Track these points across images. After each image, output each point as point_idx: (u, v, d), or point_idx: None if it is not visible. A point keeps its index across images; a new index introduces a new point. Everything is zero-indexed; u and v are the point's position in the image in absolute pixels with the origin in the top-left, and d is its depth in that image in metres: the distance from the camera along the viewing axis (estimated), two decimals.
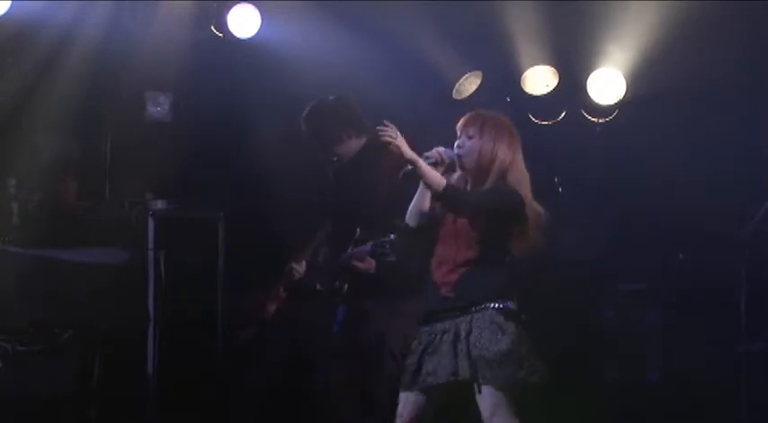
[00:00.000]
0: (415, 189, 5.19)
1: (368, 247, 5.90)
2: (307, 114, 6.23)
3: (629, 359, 7.85)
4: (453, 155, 5.15)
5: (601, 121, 7.84)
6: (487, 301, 5.04)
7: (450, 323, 5.07)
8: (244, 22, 7.34)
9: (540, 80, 7.79)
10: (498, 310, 5.04)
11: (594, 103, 7.77)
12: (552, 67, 7.76)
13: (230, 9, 7.29)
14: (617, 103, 7.76)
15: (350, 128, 6.14)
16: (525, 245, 5.17)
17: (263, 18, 7.36)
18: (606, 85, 7.72)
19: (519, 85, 7.79)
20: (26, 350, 6.20)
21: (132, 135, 7.52)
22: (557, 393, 7.13)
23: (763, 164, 7.32)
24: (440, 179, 5.03)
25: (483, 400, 5.00)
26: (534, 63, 7.75)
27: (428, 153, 5.13)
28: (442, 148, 5.15)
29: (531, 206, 5.15)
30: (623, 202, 7.83)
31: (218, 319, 7.03)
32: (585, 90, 7.75)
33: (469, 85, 7.78)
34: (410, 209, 5.22)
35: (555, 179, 7.70)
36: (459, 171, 5.19)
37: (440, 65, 7.63)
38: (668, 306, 7.79)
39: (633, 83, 7.67)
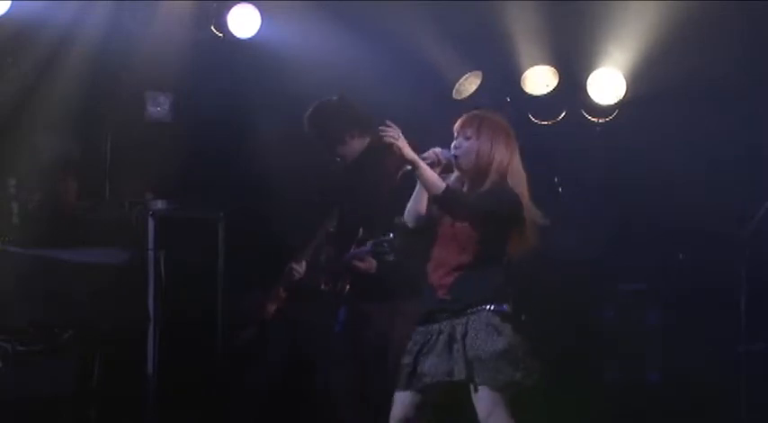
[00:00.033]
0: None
1: (368, 246, 5.90)
2: (310, 114, 6.22)
3: (629, 359, 7.85)
4: (450, 155, 5.14)
5: (601, 121, 7.84)
6: (484, 304, 5.04)
7: (446, 324, 5.07)
8: (244, 22, 7.34)
9: (540, 80, 7.79)
10: (494, 312, 5.04)
11: (594, 103, 7.77)
12: (552, 67, 7.76)
13: (230, 9, 7.29)
14: (617, 103, 7.76)
15: (353, 128, 6.13)
16: (522, 246, 5.16)
17: (263, 18, 7.36)
18: (606, 85, 7.72)
19: (519, 85, 7.79)
20: (26, 350, 6.20)
21: (132, 135, 7.52)
22: (557, 393, 7.16)
23: (763, 164, 7.32)
24: (439, 182, 5.02)
25: (479, 401, 5.00)
26: (534, 63, 7.75)
27: (425, 154, 5.11)
28: (438, 149, 5.14)
29: (528, 207, 5.15)
30: (623, 202, 7.83)
31: (218, 319, 7.03)
32: (585, 90, 7.74)
33: (469, 85, 7.78)
34: (407, 210, 5.21)
35: (555, 179, 7.70)
36: (456, 172, 5.19)
37: (440, 65, 7.63)
38: (668, 306, 7.78)
39: (633, 83, 7.66)
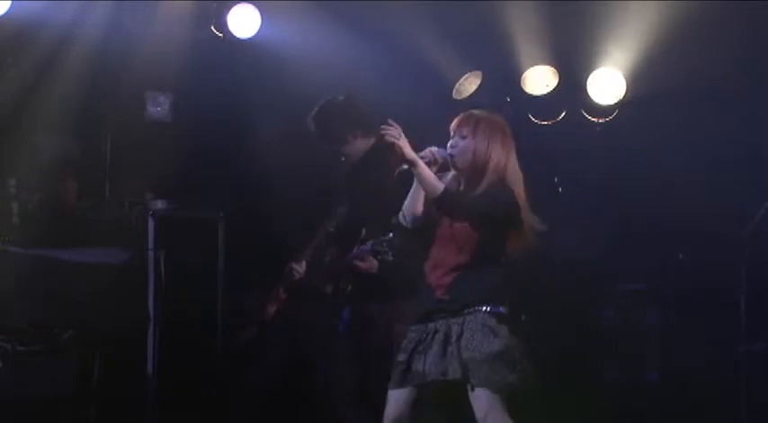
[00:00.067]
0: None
1: (368, 246, 5.91)
2: (315, 114, 6.22)
3: (628, 359, 7.85)
4: (446, 154, 5.14)
5: (601, 121, 7.84)
6: (480, 305, 5.04)
7: (442, 323, 5.07)
8: (244, 22, 7.34)
9: (540, 80, 7.79)
10: (491, 313, 5.04)
11: (594, 103, 7.77)
12: (552, 67, 7.76)
13: (230, 9, 7.29)
14: (617, 103, 7.76)
15: (357, 128, 6.13)
16: (521, 244, 5.16)
17: (263, 18, 7.36)
18: (606, 85, 7.72)
19: (519, 85, 7.79)
20: (26, 350, 6.20)
21: (132, 135, 7.51)
22: (557, 393, 7.16)
23: (763, 164, 7.32)
24: (438, 184, 5.03)
25: (476, 401, 5.00)
26: (534, 63, 7.75)
27: (421, 153, 5.11)
28: (434, 148, 5.14)
29: (525, 208, 5.14)
30: (623, 202, 7.83)
31: (218, 319, 7.03)
32: (585, 90, 7.74)
33: (469, 85, 7.77)
34: (404, 209, 5.21)
35: (555, 179, 7.71)
36: (453, 171, 5.19)
37: (440, 65, 7.63)
38: (668, 306, 7.78)
39: (633, 83, 7.66)
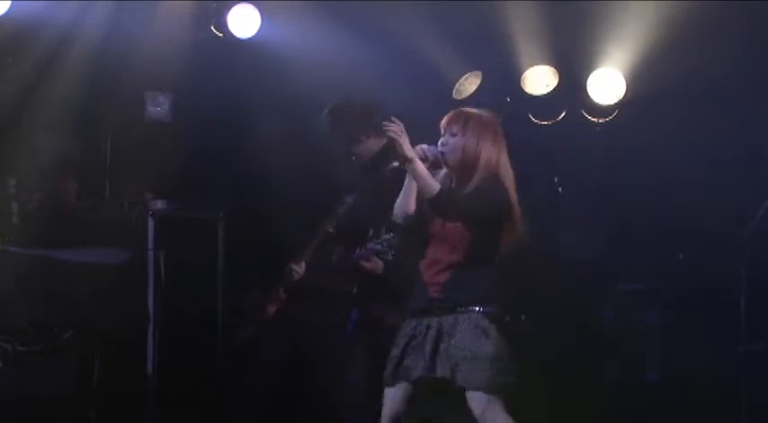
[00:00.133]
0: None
1: (372, 246, 5.92)
2: (330, 111, 6.23)
3: (628, 359, 7.85)
4: (437, 152, 5.16)
5: (601, 121, 7.84)
6: (473, 305, 5.07)
7: (435, 321, 5.10)
8: (244, 22, 7.34)
9: (540, 80, 7.79)
10: (483, 313, 5.07)
11: (594, 103, 7.77)
12: (552, 67, 7.75)
13: (230, 9, 7.29)
14: (617, 103, 7.75)
15: (371, 128, 6.13)
16: (512, 238, 5.18)
17: (263, 18, 7.36)
18: (606, 85, 7.72)
19: (519, 85, 7.79)
20: (26, 350, 6.20)
21: (132, 135, 7.51)
22: (557, 393, 7.16)
23: (763, 164, 7.32)
24: (434, 184, 5.05)
25: (472, 400, 5.03)
26: (534, 63, 7.74)
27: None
28: (425, 146, 5.16)
29: (515, 204, 5.15)
30: (623, 202, 7.83)
31: (218, 319, 7.04)
32: (585, 90, 7.74)
33: (469, 85, 7.77)
34: (396, 207, 5.23)
35: (555, 179, 7.71)
36: (444, 168, 5.20)
37: (440, 65, 7.63)
38: (668, 306, 7.78)
39: (633, 83, 7.66)
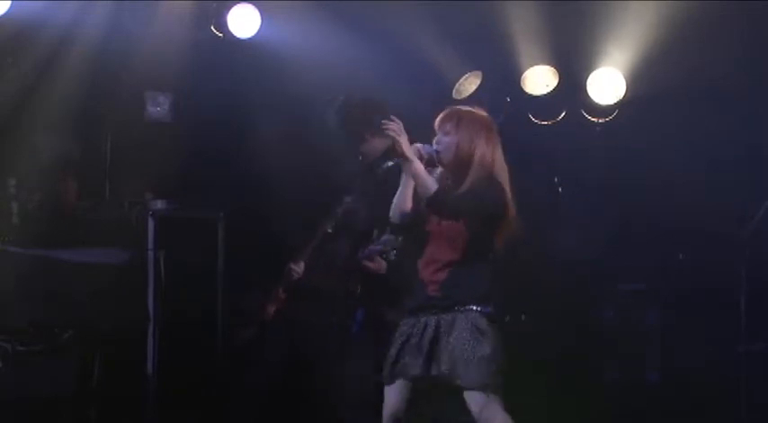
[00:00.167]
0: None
1: (375, 246, 5.93)
2: (337, 109, 6.23)
3: (628, 359, 7.85)
4: (432, 151, 5.18)
5: (601, 121, 7.84)
6: (471, 304, 5.08)
7: (433, 319, 5.11)
8: (244, 22, 7.34)
9: (540, 80, 7.79)
10: (480, 313, 5.08)
11: (594, 103, 7.77)
12: (552, 67, 7.75)
13: (230, 9, 7.29)
14: (617, 103, 7.75)
15: (375, 127, 6.13)
16: (507, 235, 5.19)
17: (263, 18, 7.36)
18: (606, 85, 7.72)
19: (519, 85, 7.79)
20: (26, 350, 6.20)
21: (132, 135, 7.51)
22: (557, 393, 7.16)
23: (763, 164, 7.32)
24: (431, 183, 5.06)
25: (469, 399, 5.04)
26: (534, 63, 7.75)
27: None
28: (420, 145, 5.17)
29: (510, 201, 5.16)
30: (623, 202, 7.83)
31: (218, 319, 7.04)
32: (585, 90, 7.74)
33: (469, 85, 7.77)
34: (392, 207, 5.24)
35: (555, 179, 7.71)
36: (440, 167, 5.21)
37: (440, 65, 7.63)
38: (668, 306, 7.78)
39: (633, 83, 7.66)
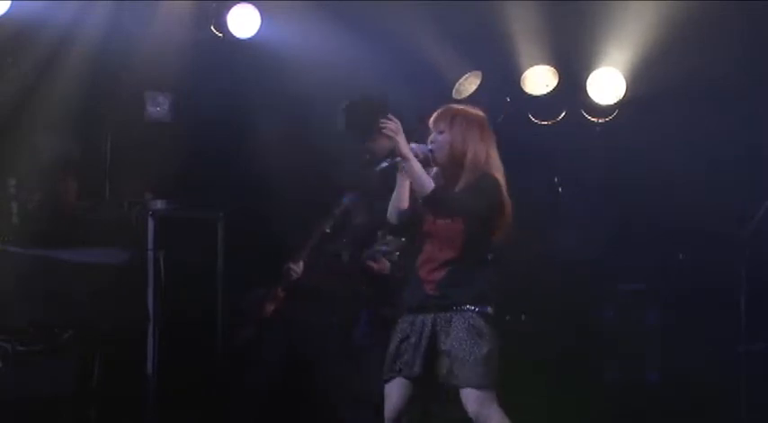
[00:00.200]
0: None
1: (379, 247, 5.93)
2: (344, 109, 6.24)
3: (628, 359, 7.85)
4: (426, 150, 5.18)
5: (601, 121, 7.84)
6: (468, 304, 5.08)
7: (430, 318, 5.11)
8: (244, 22, 7.34)
9: (540, 80, 7.79)
10: (478, 313, 5.08)
11: (594, 103, 7.77)
12: (552, 67, 7.76)
13: (230, 9, 7.30)
14: (617, 103, 7.76)
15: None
16: (503, 233, 5.20)
17: (263, 18, 7.37)
18: (606, 85, 7.72)
19: (519, 85, 7.80)
20: (26, 350, 6.20)
21: (132, 135, 7.51)
22: (557, 393, 7.16)
23: (763, 164, 7.32)
24: (428, 182, 5.06)
25: (467, 398, 5.05)
26: (534, 63, 7.75)
27: None
28: (414, 144, 5.17)
29: (506, 198, 5.17)
30: (623, 202, 7.83)
31: (218, 319, 7.03)
32: (585, 90, 7.75)
33: (469, 85, 7.78)
34: (390, 206, 5.24)
35: (555, 179, 7.71)
36: (435, 167, 5.22)
37: (440, 65, 7.63)
38: (668, 306, 7.78)
39: (633, 83, 7.67)
